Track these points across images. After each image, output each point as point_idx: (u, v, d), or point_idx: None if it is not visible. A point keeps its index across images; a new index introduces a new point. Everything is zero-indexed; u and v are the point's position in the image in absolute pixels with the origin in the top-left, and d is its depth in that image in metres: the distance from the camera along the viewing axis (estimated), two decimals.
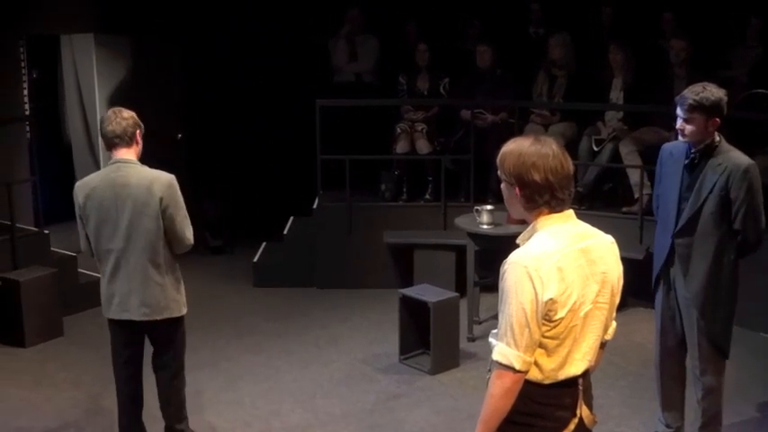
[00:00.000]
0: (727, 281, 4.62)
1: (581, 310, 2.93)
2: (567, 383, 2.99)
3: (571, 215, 3.01)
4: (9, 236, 7.24)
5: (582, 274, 2.93)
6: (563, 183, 2.94)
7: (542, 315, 2.86)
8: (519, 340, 2.87)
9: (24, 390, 6.09)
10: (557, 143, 3.01)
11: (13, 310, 6.82)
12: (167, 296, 4.74)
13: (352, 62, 9.26)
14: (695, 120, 4.45)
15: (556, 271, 2.86)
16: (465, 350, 6.54)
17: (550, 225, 2.96)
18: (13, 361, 6.61)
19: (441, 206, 8.05)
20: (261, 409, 5.77)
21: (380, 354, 6.60)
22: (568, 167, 2.96)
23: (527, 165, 2.95)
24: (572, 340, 2.95)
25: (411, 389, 6.02)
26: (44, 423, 5.62)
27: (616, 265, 3.06)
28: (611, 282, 3.02)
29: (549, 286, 2.85)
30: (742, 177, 4.43)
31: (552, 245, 2.91)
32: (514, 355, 2.88)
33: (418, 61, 8.63)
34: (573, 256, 2.92)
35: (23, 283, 6.84)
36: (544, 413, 2.99)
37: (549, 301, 2.85)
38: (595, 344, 3.04)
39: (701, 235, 4.57)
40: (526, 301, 2.84)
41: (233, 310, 7.66)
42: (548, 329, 2.89)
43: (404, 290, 6.49)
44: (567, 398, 3.02)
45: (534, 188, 2.94)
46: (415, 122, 8.56)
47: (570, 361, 2.97)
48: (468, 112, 8.25)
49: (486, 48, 8.41)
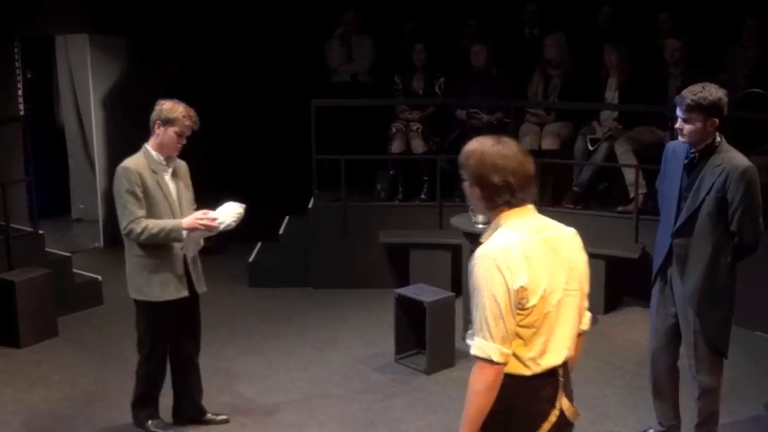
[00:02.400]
0: (724, 282, 4.61)
1: (552, 297, 3.00)
2: (547, 374, 3.03)
3: (531, 209, 3.08)
4: (4, 236, 7.21)
5: (548, 262, 3.01)
6: (522, 183, 3.02)
7: (515, 304, 2.93)
8: (495, 332, 2.93)
9: (19, 390, 6.07)
10: (517, 144, 3.10)
11: (7, 311, 6.81)
12: (128, 276, 5.11)
13: (348, 63, 9.26)
14: (693, 120, 4.44)
15: (523, 260, 2.94)
16: (461, 349, 6.52)
17: (512, 220, 3.04)
18: (7, 362, 6.59)
19: (436, 206, 8.05)
20: (257, 409, 5.76)
21: (376, 353, 6.60)
22: (529, 168, 3.03)
23: (488, 166, 3.03)
24: (548, 328, 3.01)
25: (407, 388, 6.01)
26: (39, 424, 5.60)
27: (580, 253, 3.15)
28: (577, 269, 3.11)
29: (518, 275, 2.93)
30: (739, 179, 4.42)
31: (516, 237, 2.99)
32: (492, 347, 2.94)
33: (414, 61, 8.63)
34: (537, 245, 3.00)
35: (18, 284, 6.82)
36: (525, 406, 3.03)
37: (520, 288, 2.93)
38: (573, 332, 3.10)
39: (698, 236, 4.57)
40: (498, 292, 2.92)
41: (228, 311, 7.64)
42: (522, 318, 2.95)
43: (399, 289, 6.49)
44: (547, 389, 3.06)
45: (494, 189, 3.02)
46: (410, 122, 8.56)
47: (549, 349, 3.02)
48: (463, 112, 8.25)
49: (481, 47, 8.41)
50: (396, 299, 6.35)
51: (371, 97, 8.91)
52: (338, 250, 8.12)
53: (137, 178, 4.95)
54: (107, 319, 7.31)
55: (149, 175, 5.00)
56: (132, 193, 4.94)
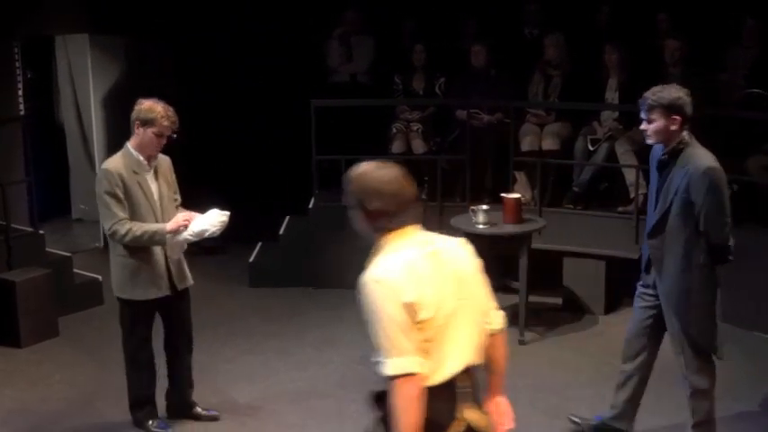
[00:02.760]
0: (699, 282, 4.63)
1: (444, 309, 3.03)
2: (442, 386, 3.03)
3: (414, 229, 3.12)
4: (4, 236, 7.22)
5: (434, 276, 3.04)
6: (402, 206, 3.07)
7: (409, 317, 2.95)
8: (404, 346, 2.94)
9: (19, 390, 6.08)
10: (399, 168, 3.14)
11: (8, 311, 6.82)
12: (112, 275, 5.22)
13: (348, 63, 9.26)
14: (655, 119, 4.54)
15: (407, 277, 2.98)
16: None
17: (394, 242, 3.09)
18: (8, 361, 6.60)
19: (437, 206, 8.04)
20: (257, 409, 5.76)
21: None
22: (409, 192, 3.10)
23: (368, 191, 3.08)
24: (444, 340, 3.04)
25: None
26: (39, 424, 5.61)
27: (468, 261, 3.19)
28: (466, 279, 3.14)
29: (404, 292, 2.96)
30: (700, 180, 4.46)
31: (398, 257, 3.03)
32: (409, 360, 2.94)
33: (414, 61, 8.63)
34: (421, 262, 3.04)
35: (19, 284, 6.83)
36: (429, 417, 2.98)
37: (409, 304, 2.95)
38: (471, 340, 3.13)
39: (669, 236, 4.62)
40: (392, 311, 2.95)
41: (228, 311, 7.65)
42: (418, 334, 2.97)
43: None
44: (444, 401, 3.05)
45: (374, 213, 3.08)
46: (410, 122, 8.56)
47: (445, 361, 3.04)
48: (463, 113, 8.25)
49: (480, 47, 8.41)
50: None
51: (371, 97, 8.91)
52: (338, 250, 8.10)
53: (117, 180, 4.98)
54: (107, 319, 7.28)
55: (129, 176, 5.03)
56: (113, 194, 4.98)
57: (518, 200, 6.82)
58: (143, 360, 5.32)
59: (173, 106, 5.18)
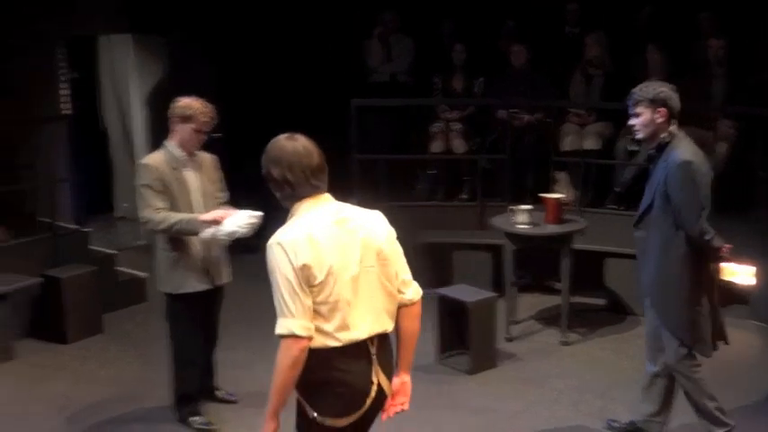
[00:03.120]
0: (675, 275, 4.65)
1: (344, 273, 3.22)
2: (356, 347, 3.23)
3: (325, 198, 3.33)
4: (50, 234, 7.33)
5: (338, 242, 3.23)
6: (307, 176, 3.27)
7: (304, 280, 3.15)
8: (293, 308, 3.15)
9: (65, 385, 6.16)
10: (305, 138, 3.36)
11: (54, 308, 6.91)
12: (156, 268, 5.31)
13: (387, 62, 9.28)
14: (640, 112, 4.63)
15: (306, 241, 3.16)
16: (503, 350, 6.54)
17: (304, 209, 3.29)
18: (54, 357, 6.69)
19: (477, 206, 8.04)
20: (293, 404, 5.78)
21: (418, 353, 6.45)
22: (315, 163, 3.29)
23: (274, 161, 3.32)
24: (345, 303, 3.21)
25: (449, 389, 6.02)
26: (84, 418, 5.68)
27: (377, 233, 3.34)
28: (374, 247, 3.30)
29: (300, 254, 3.15)
30: (674, 173, 4.51)
31: (303, 222, 3.24)
32: (293, 323, 3.15)
33: (454, 61, 8.63)
34: (325, 228, 3.23)
35: (64, 281, 6.93)
36: (340, 379, 3.22)
37: (304, 266, 3.14)
38: (378, 305, 3.30)
39: (651, 229, 4.70)
40: (287, 271, 3.15)
41: (266, 310, 7.65)
42: (315, 294, 3.17)
43: (441, 290, 6.50)
44: (362, 363, 3.25)
45: (280, 182, 3.30)
46: (450, 122, 8.56)
47: (351, 323, 3.22)
48: (504, 112, 8.24)
49: (520, 47, 8.41)
50: (437, 299, 6.36)
51: (411, 97, 8.92)
52: None
53: (155, 173, 5.09)
54: (151, 317, 7.38)
55: (169, 171, 5.13)
56: (150, 186, 5.08)
57: (559, 200, 6.80)
58: (187, 356, 5.37)
59: (215, 105, 5.24)
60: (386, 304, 3.34)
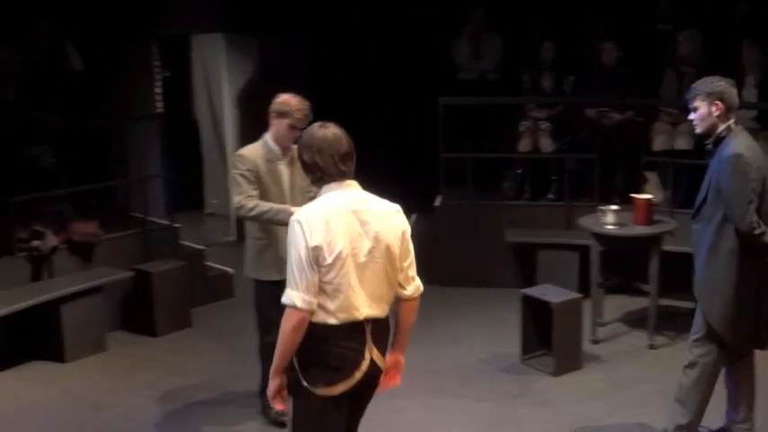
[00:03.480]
0: (723, 268, 4.63)
1: (353, 260, 3.49)
2: (352, 327, 3.50)
3: (350, 185, 3.62)
4: (142, 229, 7.50)
5: (351, 230, 3.49)
6: (330, 161, 3.56)
7: (314, 260, 3.43)
8: (299, 282, 3.44)
9: (155, 378, 6.31)
10: (336, 127, 3.65)
11: (145, 301, 7.08)
12: (246, 256, 5.45)
13: (476, 61, 9.23)
14: (698, 107, 4.65)
15: (323, 223, 3.44)
16: (588, 352, 6.45)
17: (328, 191, 3.58)
18: (144, 350, 6.85)
19: (564, 205, 7.95)
20: (381, 405, 5.76)
21: (501, 353, 6.57)
22: (336, 147, 3.58)
23: (305, 146, 3.62)
24: (348, 286, 3.48)
25: (532, 390, 5.97)
26: (172, 410, 5.81)
27: (392, 228, 3.60)
28: (385, 241, 3.56)
29: (315, 235, 3.43)
30: (723, 167, 4.53)
31: (325, 204, 3.53)
32: (296, 295, 3.44)
33: (543, 59, 8.54)
34: (342, 214, 3.50)
35: (155, 275, 7.09)
36: (335, 352, 3.50)
37: (316, 247, 3.43)
38: (379, 293, 3.57)
39: (704, 223, 4.69)
40: (300, 247, 3.45)
41: None
42: (323, 274, 3.45)
43: (526, 290, 6.45)
44: (355, 341, 3.52)
45: (311, 166, 3.61)
46: (538, 121, 8.48)
47: (351, 306, 3.49)
48: (593, 111, 8.12)
49: (611, 45, 8.28)
50: (522, 299, 6.31)
51: (499, 95, 8.86)
52: (464, 248, 8.11)
53: (250, 164, 5.23)
54: (239, 312, 7.48)
55: (263, 164, 5.27)
56: (244, 175, 5.22)
57: (649, 200, 6.66)
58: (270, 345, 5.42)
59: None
60: (386, 293, 3.62)
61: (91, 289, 6.74)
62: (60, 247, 6.95)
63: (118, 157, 8.27)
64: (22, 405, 5.92)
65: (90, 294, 6.73)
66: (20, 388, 6.17)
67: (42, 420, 5.70)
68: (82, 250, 7.11)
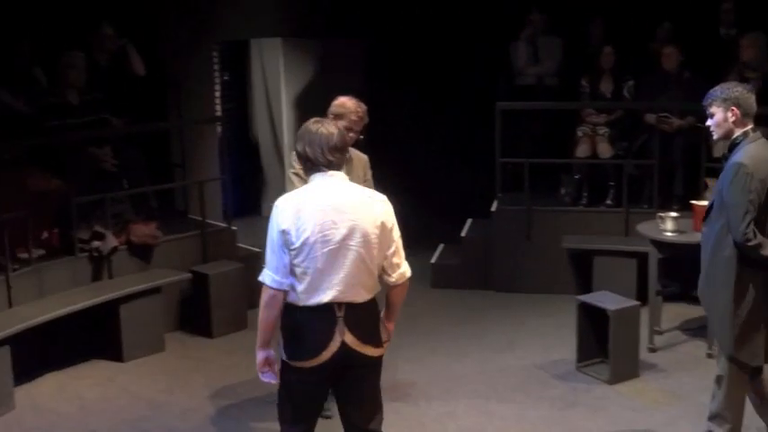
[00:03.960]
0: (721, 276, 4.58)
1: (320, 246, 3.74)
2: (320, 309, 3.78)
3: (334, 175, 3.86)
4: (200, 231, 7.59)
5: (323, 217, 3.74)
6: (319, 151, 3.82)
7: (284, 242, 3.74)
8: (270, 262, 3.79)
9: (210, 378, 6.37)
10: (331, 123, 3.95)
11: (202, 302, 7.16)
12: None
13: (534, 65, 9.18)
14: (714, 112, 4.64)
15: (293, 210, 3.75)
16: (645, 361, 6.37)
17: (314, 180, 3.87)
18: (200, 350, 6.93)
19: (622, 212, 7.86)
20: (436, 409, 5.81)
21: (557, 360, 6.52)
22: (327, 141, 3.82)
23: (299, 138, 3.91)
24: (315, 270, 3.75)
25: (588, 397, 5.91)
26: (226, 410, 5.87)
27: (370, 218, 3.82)
28: (361, 229, 3.78)
29: (284, 220, 3.74)
30: (727, 174, 4.53)
31: (303, 192, 3.85)
32: (266, 273, 3.80)
33: (602, 64, 8.45)
34: (318, 202, 3.77)
35: (212, 277, 7.16)
36: (304, 331, 3.80)
37: (284, 231, 3.73)
38: (354, 280, 3.79)
39: (709, 229, 4.68)
40: (272, 231, 3.78)
41: (410, 311, 7.70)
42: (293, 257, 3.75)
43: (582, 296, 6.40)
44: (324, 322, 3.79)
45: (299, 156, 3.91)
46: (597, 126, 8.40)
47: (317, 289, 3.77)
48: (653, 116, 8.02)
49: (672, 49, 8.15)
50: (578, 305, 6.25)
51: (557, 100, 8.80)
52: (520, 254, 8.07)
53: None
54: None
55: None
56: (297, 173, 5.15)
57: None
58: None
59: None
60: (363, 279, 3.83)
61: (150, 290, 6.84)
62: (120, 248, 7.07)
63: (177, 160, 8.39)
64: (82, 403, 6.03)
65: (149, 295, 6.83)
66: (80, 386, 6.29)
67: (101, 418, 5.80)
68: (141, 251, 7.22)
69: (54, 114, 7.07)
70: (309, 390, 3.94)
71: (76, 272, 6.84)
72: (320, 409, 4.13)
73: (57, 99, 7.17)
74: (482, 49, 9.57)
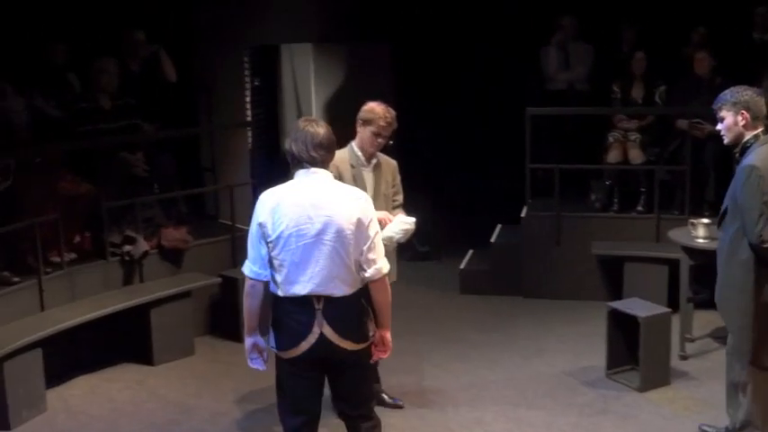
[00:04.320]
0: (738, 279, 4.59)
1: (297, 240, 3.88)
2: (298, 301, 3.92)
3: (317, 172, 3.99)
4: (230, 235, 7.62)
5: (299, 212, 3.89)
6: (303, 148, 3.96)
7: (261, 235, 3.92)
8: (250, 254, 4.00)
9: (239, 383, 6.39)
10: (319, 124, 4.04)
11: (231, 306, 7.18)
12: None
13: (565, 70, 9.15)
14: (724, 117, 4.72)
15: (272, 204, 3.92)
16: (676, 368, 6.32)
17: (297, 176, 4.01)
18: (230, 354, 6.96)
19: (653, 218, 7.81)
20: (464, 416, 5.79)
21: (586, 367, 6.48)
22: (312, 138, 3.96)
23: (289, 135, 4.07)
24: (291, 263, 3.90)
25: (618, 405, 5.87)
26: (254, 415, 5.90)
27: (345, 214, 3.92)
28: (336, 225, 3.90)
29: (262, 214, 3.93)
30: (739, 178, 4.57)
31: (284, 187, 3.99)
32: (246, 264, 4.03)
33: (634, 69, 8.40)
34: (296, 198, 3.92)
35: (242, 281, 7.12)
36: (284, 321, 3.97)
37: (261, 224, 3.92)
38: (332, 274, 3.90)
39: (723, 233, 4.72)
40: (253, 223, 3.97)
41: (439, 316, 7.74)
42: (271, 249, 3.91)
43: (612, 303, 6.36)
44: (302, 314, 3.93)
45: (289, 153, 4.03)
46: (628, 131, 8.34)
47: (293, 281, 3.91)
48: (685, 122, 7.96)
49: (704, 54, 8.09)
50: (608, 312, 6.21)
51: (588, 105, 8.76)
52: (550, 260, 8.04)
53: (332, 169, 5.15)
54: None
55: (346, 168, 5.34)
56: None
57: None
58: None
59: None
60: (340, 273, 3.93)
61: (180, 294, 6.89)
62: (151, 252, 7.12)
63: (208, 165, 8.44)
64: (113, 406, 6.07)
65: (179, 299, 6.88)
66: (110, 389, 6.34)
67: (131, 421, 5.84)
68: (172, 256, 7.27)
69: (86, 119, 7.14)
70: (297, 380, 4.08)
71: (108, 276, 6.91)
72: (317, 402, 4.19)
73: (89, 104, 7.24)
74: (512, 53, 9.54)
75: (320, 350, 3.96)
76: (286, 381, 4.13)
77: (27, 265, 6.43)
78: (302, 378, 4.08)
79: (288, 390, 4.14)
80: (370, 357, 4.18)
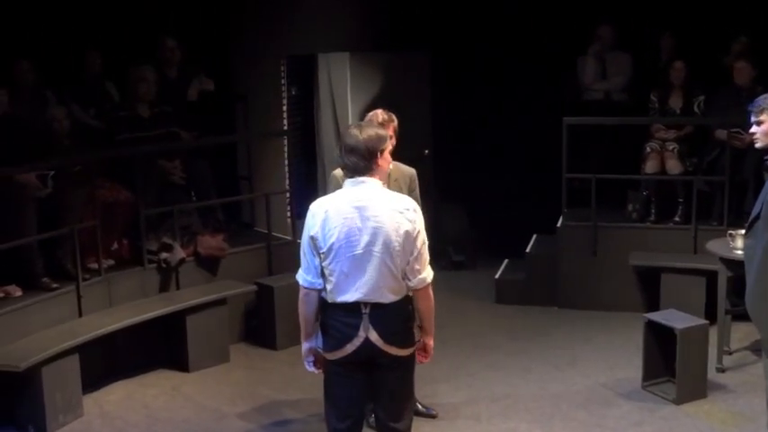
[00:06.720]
0: None
1: (346, 251, 3.95)
2: (346, 307, 3.99)
3: (361, 181, 4.00)
4: (266, 244, 7.66)
5: (350, 224, 3.94)
6: (349, 155, 3.98)
7: (312, 247, 4.00)
8: (303, 263, 4.06)
9: (273, 390, 6.42)
10: (363, 128, 4.04)
11: (267, 314, 7.22)
12: None
13: (602, 80, 9.09)
14: (763, 120, 4.71)
15: (322, 216, 3.97)
16: (713, 381, 6.24)
17: (346, 186, 4.05)
18: (265, 362, 6.99)
19: (691, 229, 7.73)
20: (497, 426, 5.77)
21: (622, 379, 6.42)
22: (354, 144, 3.97)
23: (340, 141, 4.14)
24: (340, 273, 3.97)
25: (653, 417, 5.81)
26: (290, 423, 5.92)
27: (393, 225, 3.96)
28: (384, 237, 3.94)
29: (313, 225, 3.99)
30: None
31: (334, 197, 4.06)
32: (299, 273, 4.09)
33: (672, 79, 8.32)
34: (345, 208, 3.96)
35: (277, 289, 7.21)
36: (331, 323, 4.05)
37: (313, 236, 3.99)
38: (379, 283, 3.97)
39: (756, 239, 4.56)
40: (305, 235, 4.04)
41: (473, 326, 7.72)
42: (322, 260, 3.99)
43: (649, 314, 6.30)
44: (351, 318, 4.00)
45: (343, 161, 4.06)
46: (666, 142, 8.27)
47: (343, 289, 3.99)
48: (723, 132, 7.88)
49: (745, 64, 8.00)
50: (645, 324, 6.16)
51: (626, 115, 8.70)
52: (586, 270, 7.99)
53: (335, 183, 5.19)
54: None
55: None
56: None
57: None
58: None
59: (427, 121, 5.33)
60: (387, 283, 3.99)
61: (216, 301, 6.94)
62: (188, 259, 7.17)
63: (244, 173, 8.49)
64: (148, 412, 6.12)
65: (215, 306, 6.92)
66: (146, 395, 6.39)
67: (166, 427, 5.89)
68: (208, 263, 7.33)
69: (125, 127, 7.22)
70: (342, 382, 4.14)
71: (145, 282, 6.97)
72: (361, 408, 4.25)
73: (127, 112, 7.32)
74: (550, 63, 9.50)
75: (365, 354, 4.04)
76: (330, 383, 4.21)
77: (66, 272, 6.51)
78: (344, 380, 4.15)
79: (333, 393, 4.21)
80: (414, 362, 4.24)
